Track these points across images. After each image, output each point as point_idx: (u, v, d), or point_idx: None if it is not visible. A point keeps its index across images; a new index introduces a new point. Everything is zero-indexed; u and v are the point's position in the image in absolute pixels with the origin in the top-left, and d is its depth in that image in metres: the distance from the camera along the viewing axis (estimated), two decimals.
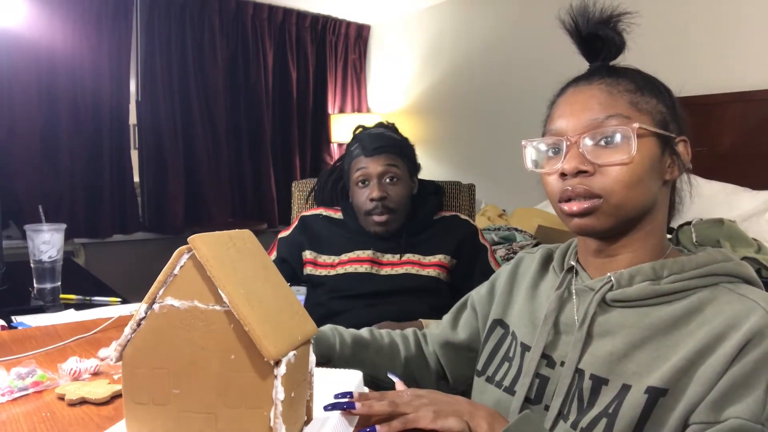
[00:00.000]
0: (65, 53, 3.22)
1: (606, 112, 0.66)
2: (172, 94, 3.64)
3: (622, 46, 0.71)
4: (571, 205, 0.67)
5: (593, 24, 0.70)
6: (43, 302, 1.34)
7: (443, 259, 1.39)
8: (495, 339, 0.84)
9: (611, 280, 0.68)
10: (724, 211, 2.24)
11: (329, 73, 4.41)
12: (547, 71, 3.50)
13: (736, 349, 0.58)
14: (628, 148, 0.64)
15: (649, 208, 0.68)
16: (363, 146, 1.40)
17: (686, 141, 0.69)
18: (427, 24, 4.14)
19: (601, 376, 0.66)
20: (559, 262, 0.79)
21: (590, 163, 0.66)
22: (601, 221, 0.67)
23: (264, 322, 0.54)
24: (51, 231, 1.35)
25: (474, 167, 3.73)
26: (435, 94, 4.04)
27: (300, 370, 0.59)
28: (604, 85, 0.68)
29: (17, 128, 3.10)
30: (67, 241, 2.37)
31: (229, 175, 3.92)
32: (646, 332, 0.65)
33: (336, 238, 1.44)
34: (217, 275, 0.54)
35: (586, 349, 0.68)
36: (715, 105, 2.58)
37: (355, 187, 1.40)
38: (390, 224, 1.38)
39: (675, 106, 0.70)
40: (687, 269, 0.66)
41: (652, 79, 0.71)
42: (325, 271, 1.41)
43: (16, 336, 1.06)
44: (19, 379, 0.81)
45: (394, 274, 1.38)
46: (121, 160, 3.48)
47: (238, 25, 3.93)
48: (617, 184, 0.65)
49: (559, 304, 0.73)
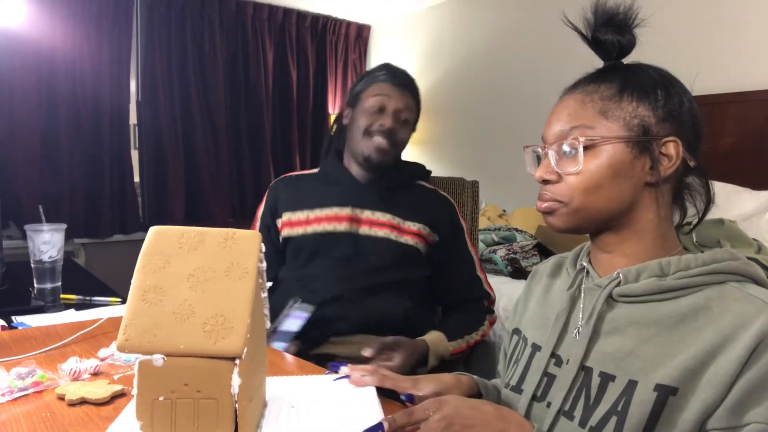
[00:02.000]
0: (65, 53, 3.22)
1: (572, 123, 0.71)
2: (172, 94, 3.64)
3: (628, 47, 0.73)
4: (538, 203, 0.75)
5: (597, 28, 0.72)
6: (43, 302, 1.34)
7: (422, 229, 1.34)
8: (512, 347, 0.87)
9: (619, 277, 0.70)
10: (724, 211, 2.24)
11: (329, 73, 4.41)
12: (547, 71, 3.50)
13: (749, 350, 0.58)
14: (577, 160, 0.70)
15: (622, 210, 0.71)
16: (393, 74, 1.35)
17: (677, 142, 0.69)
18: (427, 24, 4.14)
19: (609, 373, 0.66)
20: (572, 263, 0.81)
21: (554, 173, 0.72)
22: (563, 220, 0.73)
23: (143, 317, 0.58)
24: (51, 231, 1.35)
25: (474, 167, 3.73)
26: (435, 94, 4.04)
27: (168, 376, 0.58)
28: (581, 95, 0.72)
29: (17, 128, 3.10)
30: (67, 241, 2.37)
31: (229, 175, 3.92)
32: (652, 328, 0.65)
33: (311, 190, 1.38)
34: (138, 265, 0.60)
35: (593, 346, 0.69)
36: (715, 105, 2.58)
37: (364, 112, 1.33)
38: (387, 155, 1.33)
39: (673, 106, 0.70)
40: (693, 266, 0.67)
41: (651, 78, 0.71)
42: (301, 229, 1.34)
43: (16, 336, 1.06)
44: (19, 379, 0.81)
45: (374, 237, 1.32)
46: (121, 160, 3.48)
47: (238, 25, 3.93)
48: (574, 192, 0.70)
49: (570, 303, 0.75)
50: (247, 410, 0.60)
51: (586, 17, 0.73)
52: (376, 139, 1.31)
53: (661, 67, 0.74)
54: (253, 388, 0.64)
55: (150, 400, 0.58)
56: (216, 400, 0.58)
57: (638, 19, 0.72)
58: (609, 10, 0.72)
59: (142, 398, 0.58)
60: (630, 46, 0.73)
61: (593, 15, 0.72)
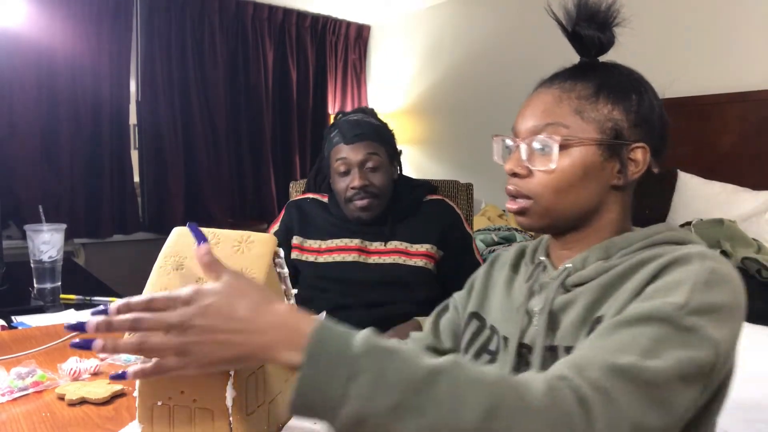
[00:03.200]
0: (65, 53, 3.22)
1: (546, 120, 0.71)
2: (172, 94, 3.64)
3: (607, 45, 0.73)
4: (509, 203, 0.75)
5: (578, 22, 0.72)
6: (43, 302, 1.34)
7: (430, 249, 1.38)
8: (470, 331, 0.85)
9: (567, 267, 0.72)
10: (724, 211, 2.24)
11: (329, 73, 4.41)
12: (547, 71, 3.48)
13: (662, 265, 0.61)
14: (552, 158, 0.69)
15: (589, 210, 0.72)
16: (342, 133, 1.37)
17: (645, 148, 0.70)
18: (427, 24, 4.14)
19: (571, 345, 0.67)
20: (531, 257, 0.82)
21: (524, 167, 0.72)
22: (534, 220, 0.73)
23: None
24: (51, 231, 1.35)
25: (474, 167, 3.73)
26: (435, 94, 4.04)
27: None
28: (558, 90, 0.72)
29: (17, 128, 3.10)
30: (67, 241, 2.37)
31: (229, 175, 3.92)
32: (598, 292, 0.67)
33: (322, 221, 1.43)
34: (156, 265, 0.60)
35: (555, 328, 0.70)
36: (715, 105, 2.58)
37: (336, 175, 1.39)
38: (373, 209, 1.37)
39: (645, 112, 0.71)
40: (634, 242, 0.69)
41: (627, 81, 0.72)
42: (312, 256, 1.41)
43: (16, 336, 1.06)
44: (19, 379, 0.81)
45: (382, 264, 1.37)
46: (121, 160, 3.48)
47: (238, 25, 3.93)
48: (544, 189, 0.71)
49: (529, 295, 0.76)
50: (245, 423, 0.58)
51: (568, 10, 0.73)
52: (356, 203, 1.36)
53: (635, 70, 0.75)
54: (254, 401, 0.61)
55: (150, 405, 0.57)
56: (211, 411, 0.57)
57: (619, 18, 0.72)
58: (592, 6, 0.72)
59: (143, 402, 0.57)
60: (609, 43, 0.73)
61: (575, 9, 0.72)
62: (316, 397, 0.48)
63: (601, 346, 0.55)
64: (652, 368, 0.51)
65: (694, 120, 2.63)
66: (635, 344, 0.54)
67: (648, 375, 0.51)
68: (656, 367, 0.52)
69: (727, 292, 0.59)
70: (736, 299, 0.60)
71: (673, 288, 0.58)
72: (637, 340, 0.54)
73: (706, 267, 0.59)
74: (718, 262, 0.61)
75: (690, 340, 0.54)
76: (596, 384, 0.50)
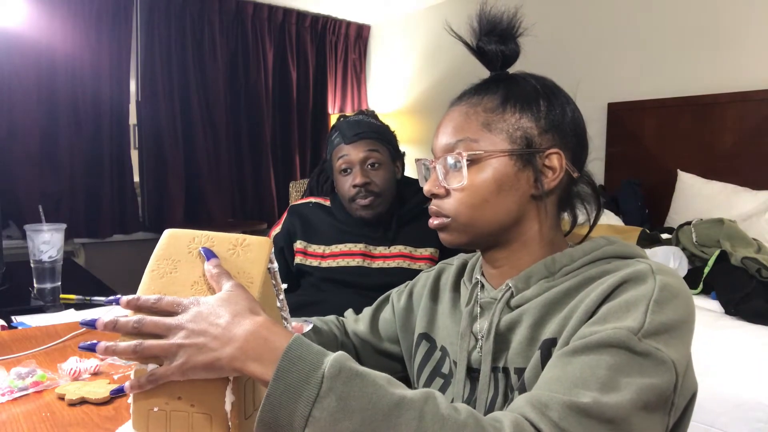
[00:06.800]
0: (65, 53, 3.22)
1: (457, 137, 0.70)
2: (172, 94, 3.64)
3: (511, 57, 0.73)
4: (430, 220, 0.73)
5: (480, 37, 0.73)
6: (43, 302, 1.34)
7: (434, 253, 1.39)
8: (422, 353, 0.84)
9: (510, 287, 0.70)
10: (724, 211, 2.24)
11: (329, 73, 4.41)
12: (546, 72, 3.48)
13: (613, 285, 0.60)
14: (462, 174, 0.68)
15: (510, 223, 0.70)
16: (342, 134, 1.39)
17: (560, 154, 0.68)
18: (427, 24, 4.14)
19: (521, 366, 0.66)
20: (469, 276, 0.80)
21: (442, 187, 0.71)
22: (455, 237, 0.71)
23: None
24: (51, 231, 1.35)
25: None
26: (435, 94, 4.04)
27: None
28: (465, 107, 0.72)
29: (17, 128, 3.10)
30: (67, 241, 2.37)
31: (229, 175, 3.92)
32: (542, 310, 0.66)
33: (326, 226, 1.44)
34: (147, 269, 0.59)
35: (504, 348, 0.69)
36: (715, 105, 2.58)
37: (338, 175, 1.39)
38: (375, 207, 1.37)
39: (555, 117, 0.69)
40: (576, 258, 0.68)
41: (533, 89, 0.71)
42: (316, 261, 1.41)
43: (16, 336, 1.06)
44: (19, 379, 0.81)
45: (386, 268, 1.38)
46: (121, 160, 3.48)
47: (238, 25, 3.93)
48: (460, 205, 0.69)
49: (471, 319, 0.74)
50: (243, 427, 0.58)
51: (472, 26, 0.72)
52: (359, 201, 1.37)
53: (546, 77, 0.73)
54: (251, 404, 0.61)
55: (145, 411, 0.56)
56: (210, 416, 0.56)
57: (522, 28, 0.71)
58: (492, 19, 0.71)
59: (138, 408, 0.57)
60: (513, 55, 0.72)
61: (477, 24, 0.71)
62: (281, 415, 0.48)
63: (559, 378, 0.55)
64: (613, 404, 0.51)
65: (694, 120, 2.63)
66: (593, 377, 0.53)
67: (610, 413, 0.51)
68: (617, 402, 0.51)
69: (680, 307, 0.59)
70: (687, 311, 0.60)
71: (626, 310, 0.57)
72: (595, 372, 0.53)
73: (658, 284, 0.59)
74: (666, 275, 0.61)
75: (647, 366, 0.54)
76: (559, 426, 0.50)
